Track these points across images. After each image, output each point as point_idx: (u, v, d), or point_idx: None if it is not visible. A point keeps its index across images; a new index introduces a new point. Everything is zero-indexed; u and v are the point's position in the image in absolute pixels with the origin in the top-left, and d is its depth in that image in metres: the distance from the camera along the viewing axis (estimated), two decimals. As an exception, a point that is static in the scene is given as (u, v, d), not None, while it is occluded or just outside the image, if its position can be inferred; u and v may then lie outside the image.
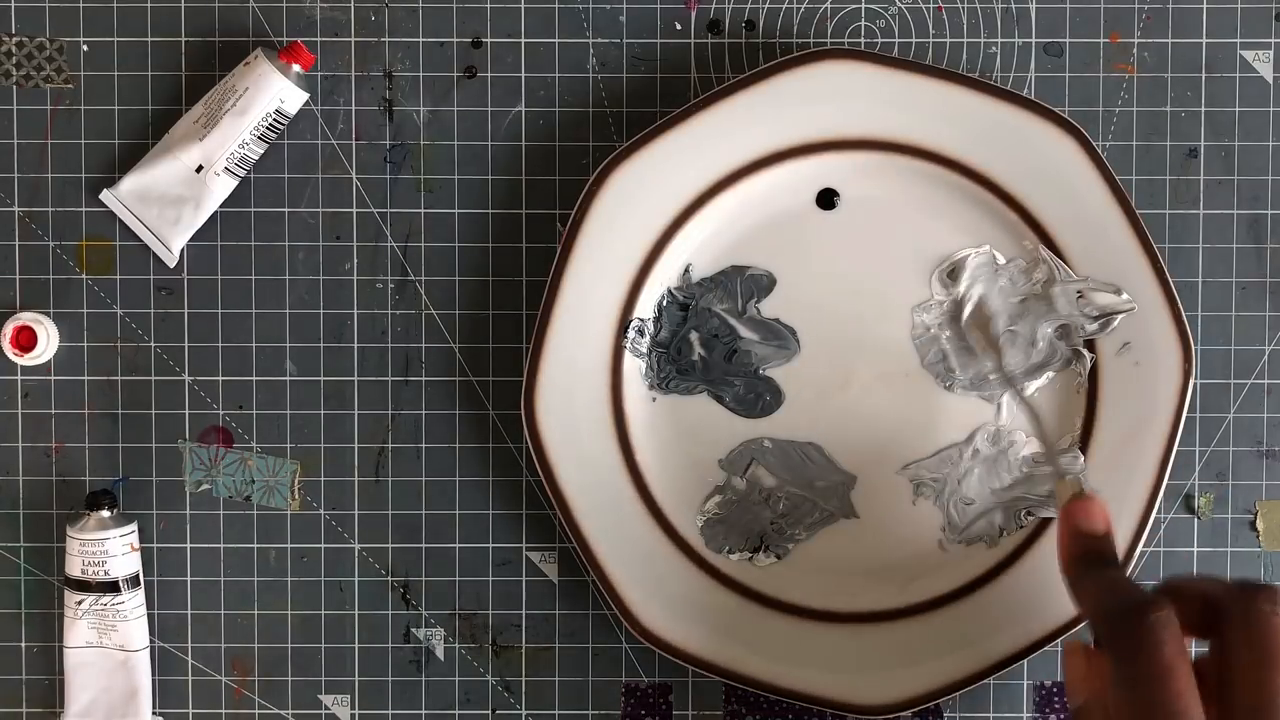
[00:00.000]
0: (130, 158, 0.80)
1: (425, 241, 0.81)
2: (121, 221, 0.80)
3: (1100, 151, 0.78)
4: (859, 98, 0.77)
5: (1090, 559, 0.69)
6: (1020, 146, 0.77)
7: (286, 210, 0.81)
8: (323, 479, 0.81)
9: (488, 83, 0.81)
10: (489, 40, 0.81)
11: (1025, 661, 0.79)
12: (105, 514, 0.79)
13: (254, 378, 0.81)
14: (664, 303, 0.80)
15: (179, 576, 0.81)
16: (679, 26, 0.81)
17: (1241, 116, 0.80)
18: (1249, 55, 0.80)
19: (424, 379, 0.81)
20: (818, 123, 0.78)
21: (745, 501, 0.80)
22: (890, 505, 0.80)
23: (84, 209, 0.81)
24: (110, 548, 0.78)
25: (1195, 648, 0.77)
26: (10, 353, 0.79)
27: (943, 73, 0.77)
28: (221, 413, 0.81)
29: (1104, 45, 0.80)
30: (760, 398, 0.80)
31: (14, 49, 0.80)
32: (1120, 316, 0.78)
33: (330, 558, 0.82)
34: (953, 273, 0.79)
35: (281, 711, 0.82)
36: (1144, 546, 0.79)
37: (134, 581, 0.79)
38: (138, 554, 0.80)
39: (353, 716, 0.82)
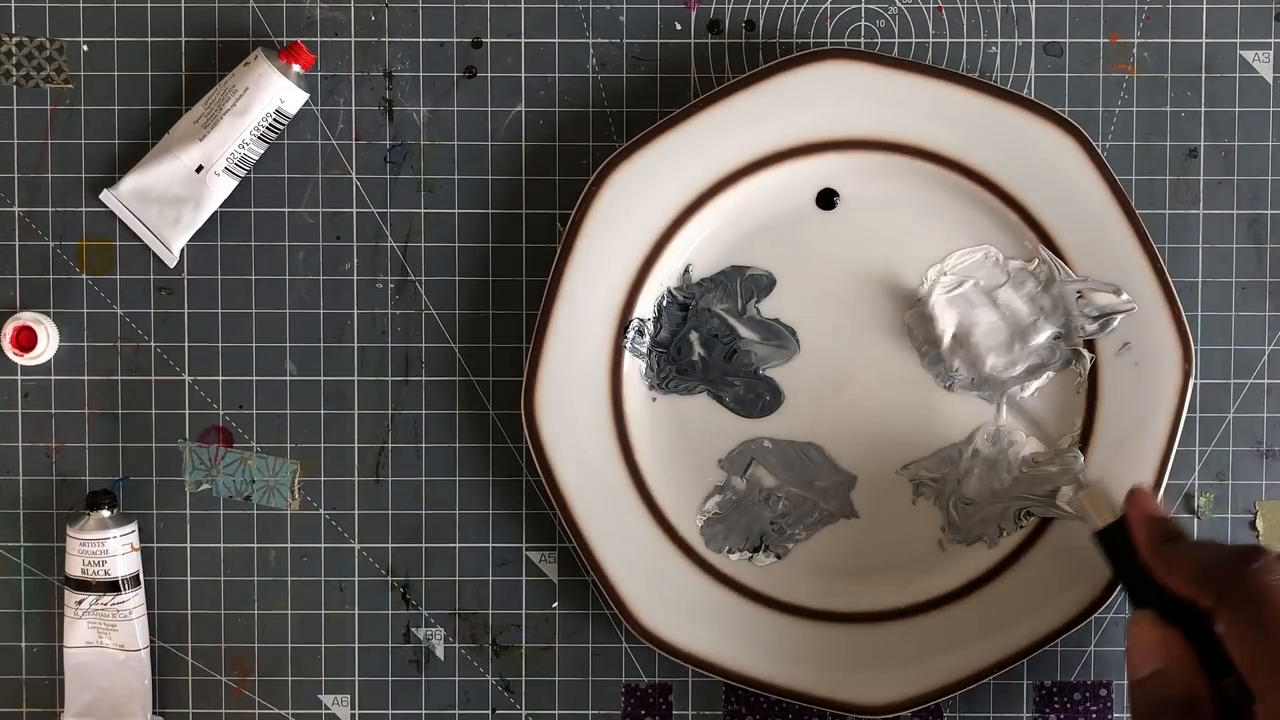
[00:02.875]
0: (130, 158, 0.80)
1: (425, 241, 0.81)
2: (121, 221, 0.80)
3: (1100, 151, 0.78)
4: (859, 98, 0.77)
5: (1170, 535, 0.71)
6: (1020, 146, 0.77)
7: (286, 210, 0.81)
8: (323, 479, 0.81)
9: (488, 83, 0.81)
10: (489, 40, 0.81)
11: (1025, 661, 0.79)
12: (105, 514, 0.79)
13: (254, 378, 0.81)
14: (664, 303, 0.80)
15: (179, 576, 0.81)
16: (679, 26, 0.81)
17: (1241, 116, 0.80)
18: (1249, 55, 0.80)
19: (424, 379, 0.81)
20: (818, 123, 0.78)
21: (745, 501, 0.80)
22: (890, 505, 0.80)
23: (84, 209, 0.81)
24: (110, 547, 0.78)
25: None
26: (10, 353, 0.79)
27: (943, 73, 0.77)
28: (221, 413, 0.81)
29: (1104, 45, 0.80)
30: (760, 398, 0.80)
31: (14, 49, 0.80)
32: (1120, 316, 0.78)
33: (330, 558, 0.82)
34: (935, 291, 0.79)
35: (281, 711, 0.82)
36: (1144, 546, 0.79)
37: (134, 581, 0.79)
38: (138, 554, 0.80)
39: (353, 716, 0.82)
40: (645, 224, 0.78)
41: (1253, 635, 0.63)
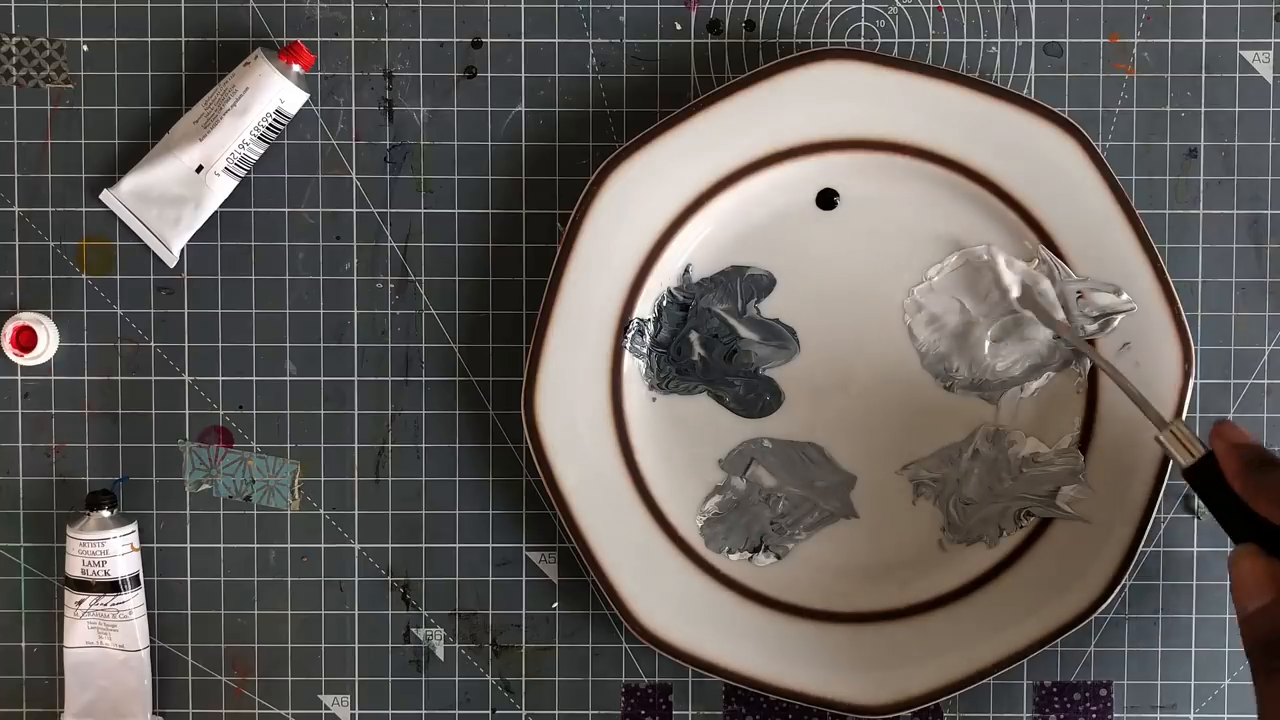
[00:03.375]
0: (130, 158, 0.80)
1: (425, 241, 0.81)
2: (121, 221, 0.80)
3: (1100, 151, 0.78)
4: (859, 98, 0.77)
5: (1261, 462, 0.69)
6: (1020, 146, 0.77)
7: (286, 210, 0.81)
8: (323, 479, 0.81)
9: (488, 83, 0.81)
10: (489, 40, 0.81)
11: (1025, 661, 0.79)
12: (105, 514, 0.79)
13: (254, 378, 0.81)
14: (664, 303, 0.80)
15: (179, 576, 0.81)
16: (679, 26, 0.81)
17: (1241, 116, 0.80)
18: (1249, 55, 0.80)
19: (424, 379, 0.81)
20: (818, 123, 0.78)
21: (745, 501, 0.80)
22: (890, 505, 0.80)
23: (84, 209, 0.81)
24: (110, 548, 0.78)
25: None
26: (10, 353, 0.79)
27: (943, 73, 0.77)
28: (221, 413, 0.81)
29: (1104, 45, 0.80)
30: (760, 398, 0.80)
31: (14, 49, 0.80)
32: (1120, 316, 0.78)
33: (330, 558, 0.82)
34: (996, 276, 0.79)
35: (281, 711, 0.82)
36: (1144, 546, 0.79)
37: (134, 581, 0.79)
38: (138, 554, 0.80)
39: (353, 716, 0.82)
40: (645, 224, 0.78)
41: None
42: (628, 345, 0.79)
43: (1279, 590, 0.66)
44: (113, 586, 0.78)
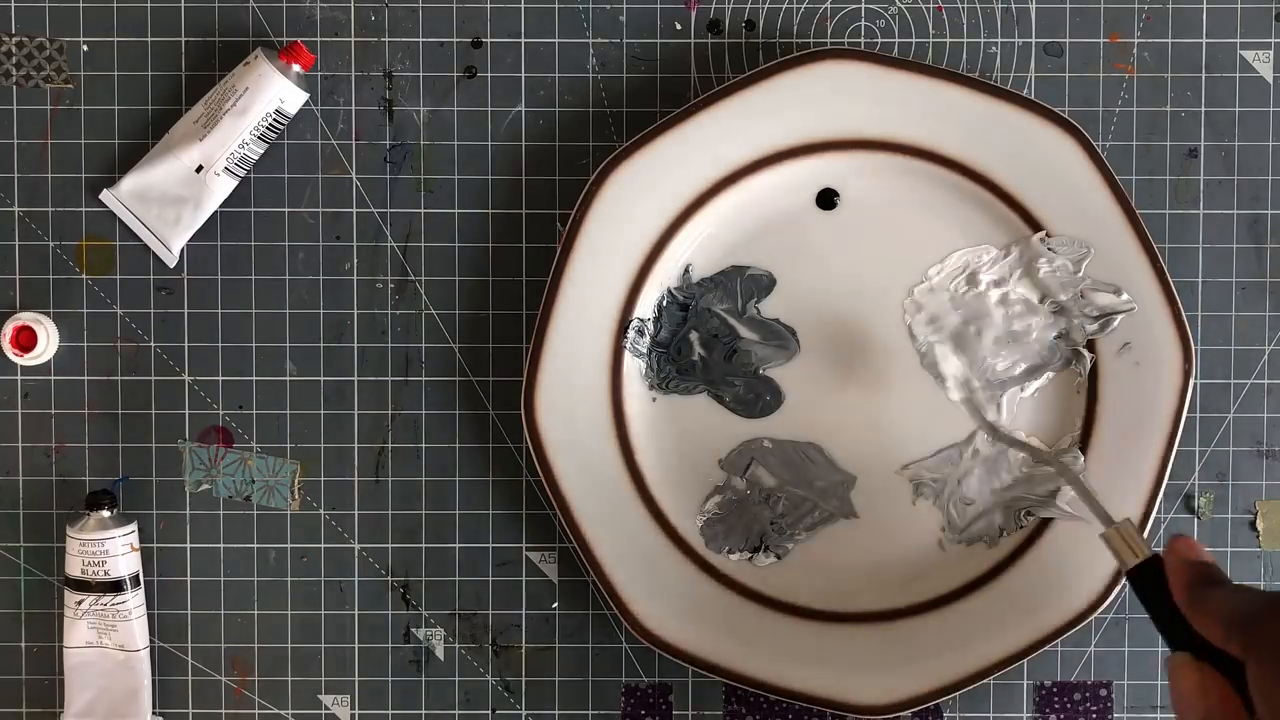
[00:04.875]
0: (130, 158, 0.80)
1: (425, 241, 0.81)
2: (121, 221, 0.80)
3: (1100, 151, 0.78)
4: (859, 98, 0.77)
5: (1207, 579, 0.67)
6: (1020, 146, 0.77)
7: (286, 210, 0.81)
8: (323, 479, 0.81)
9: (488, 83, 0.81)
10: (489, 40, 0.81)
11: (1025, 661, 0.79)
12: (105, 514, 0.79)
13: (254, 378, 0.81)
14: (664, 303, 0.80)
15: (179, 576, 0.81)
16: (679, 26, 0.81)
17: (1241, 116, 0.80)
18: (1249, 55, 0.80)
19: (424, 379, 0.81)
20: (818, 123, 0.78)
21: (745, 501, 0.80)
22: (890, 505, 0.80)
23: (84, 209, 0.81)
24: (110, 548, 0.78)
25: None
26: (10, 353, 0.79)
27: (943, 73, 0.77)
28: (221, 413, 0.81)
29: (1104, 45, 0.80)
30: (760, 398, 0.80)
31: (14, 49, 0.80)
32: (1120, 316, 0.78)
33: (330, 558, 0.82)
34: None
35: (281, 711, 0.82)
36: (1144, 546, 0.79)
37: (134, 581, 0.79)
38: (138, 554, 0.80)
39: (353, 716, 0.82)
40: (645, 224, 0.78)
41: (1275, 690, 0.60)
42: (628, 345, 0.79)
43: (1210, 703, 0.64)
44: (113, 586, 0.78)
